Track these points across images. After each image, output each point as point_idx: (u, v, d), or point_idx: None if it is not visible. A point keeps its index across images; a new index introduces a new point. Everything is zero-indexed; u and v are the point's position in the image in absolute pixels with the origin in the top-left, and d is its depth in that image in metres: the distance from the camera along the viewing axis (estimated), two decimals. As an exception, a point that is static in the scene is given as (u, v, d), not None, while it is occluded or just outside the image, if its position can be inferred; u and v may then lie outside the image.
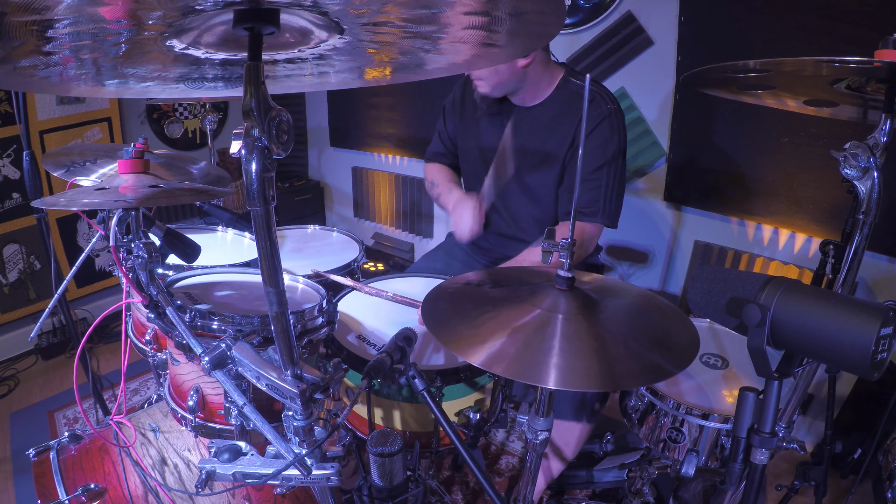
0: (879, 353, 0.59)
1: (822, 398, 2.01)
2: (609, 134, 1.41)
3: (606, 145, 1.41)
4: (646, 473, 1.48)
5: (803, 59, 0.81)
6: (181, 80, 0.82)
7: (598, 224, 1.47)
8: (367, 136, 3.41)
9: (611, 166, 1.42)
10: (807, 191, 1.92)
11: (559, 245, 0.84)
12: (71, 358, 2.62)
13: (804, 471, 1.33)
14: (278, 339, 0.71)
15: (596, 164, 1.42)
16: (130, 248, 0.96)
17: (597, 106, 1.42)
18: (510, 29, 0.64)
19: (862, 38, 1.64)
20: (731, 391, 1.15)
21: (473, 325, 0.82)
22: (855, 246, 0.93)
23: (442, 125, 1.76)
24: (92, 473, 1.05)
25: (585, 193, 1.44)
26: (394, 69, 0.84)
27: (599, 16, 2.23)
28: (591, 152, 1.42)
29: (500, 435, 2.13)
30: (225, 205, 2.16)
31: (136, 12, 0.53)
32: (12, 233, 2.55)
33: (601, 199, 1.43)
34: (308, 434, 0.76)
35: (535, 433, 0.92)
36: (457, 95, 1.70)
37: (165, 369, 1.16)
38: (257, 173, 0.60)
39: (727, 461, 0.78)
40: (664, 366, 0.75)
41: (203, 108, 3.02)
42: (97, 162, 1.37)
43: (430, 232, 3.27)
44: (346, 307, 1.35)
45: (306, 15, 0.60)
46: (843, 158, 0.88)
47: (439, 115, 1.76)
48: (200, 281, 1.23)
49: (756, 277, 0.70)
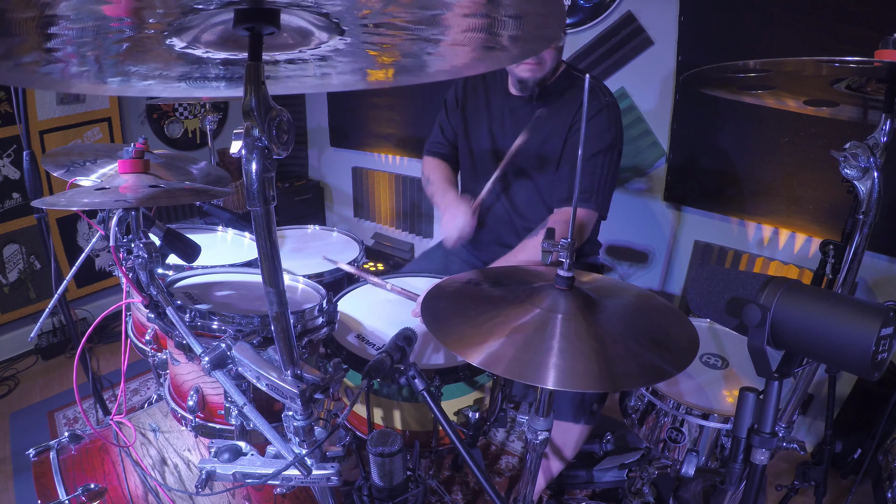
0: (880, 354, 0.59)
1: (822, 398, 2.01)
2: (606, 123, 1.44)
3: (603, 134, 1.44)
4: (646, 473, 1.47)
5: (803, 59, 0.81)
6: (183, 79, 0.82)
7: (591, 210, 1.48)
8: (367, 136, 3.41)
9: (606, 155, 1.44)
10: (807, 191, 1.92)
11: (559, 245, 0.84)
12: (71, 358, 2.62)
13: (804, 471, 1.32)
14: (278, 339, 0.71)
15: (592, 151, 1.43)
16: (130, 248, 0.96)
17: (595, 97, 1.44)
18: (511, 32, 0.64)
19: (862, 38, 1.64)
20: (731, 391, 1.15)
21: (473, 325, 0.82)
22: (855, 246, 0.93)
23: (444, 118, 1.76)
24: (92, 473, 1.05)
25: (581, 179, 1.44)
26: (396, 71, 0.84)
27: (599, 16, 2.23)
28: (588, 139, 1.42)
29: (500, 435, 2.13)
30: (225, 205, 2.15)
31: (137, 10, 0.53)
32: (12, 233, 2.55)
33: (595, 186, 1.45)
34: (308, 434, 0.76)
35: (535, 433, 0.92)
36: (459, 89, 1.70)
37: (165, 369, 1.16)
38: (257, 173, 0.60)
39: (727, 461, 0.78)
40: (663, 366, 0.75)
41: (203, 108, 3.02)
42: (97, 162, 1.37)
43: (430, 232, 3.27)
44: (346, 307, 1.35)
45: (306, 16, 0.60)
46: (843, 158, 0.88)
47: (440, 107, 1.76)
48: (200, 281, 1.23)
49: (756, 277, 0.70)
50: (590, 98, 1.44)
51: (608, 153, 1.44)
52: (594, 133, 1.43)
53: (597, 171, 1.44)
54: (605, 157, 1.44)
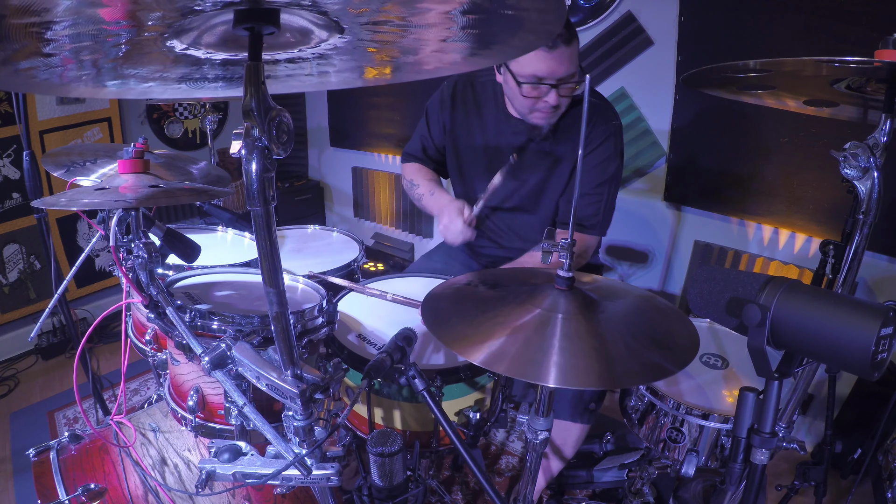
0: (879, 353, 0.59)
1: (822, 398, 2.01)
2: (613, 151, 1.45)
3: (610, 162, 1.45)
4: (646, 473, 1.48)
5: (803, 59, 0.81)
6: (182, 81, 0.82)
7: (595, 236, 1.52)
8: (367, 136, 3.41)
9: (611, 183, 1.47)
10: (807, 191, 1.92)
11: (559, 245, 0.84)
12: (71, 358, 2.62)
13: (804, 471, 1.32)
14: (278, 339, 0.71)
15: (599, 180, 1.45)
16: (130, 248, 0.96)
17: (604, 121, 1.43)
18: (510, 28, 0.64)
19: (862, 38, 1.64)
20: (731, 391, 1.15)
21: (474, 325, 0.82)
22: (855, 246, 0.93)
23: (425, 128, 1.65)
24: (92, 473, 1.05)
25: (587, 207, 1.47)
26: (394, 68, 0.84)
27: (599, 16, 2.23)
28: (595, 168, 1.45)
29: (500, 435, 2.13)
30: (225, 205, 2.15)
31: (135, 13, 0.53)
32: (12, 233, 2.55)
33: (601, 214, 1.47)
34: (308, 434, 0.76)
35: (535, 433, 0.92)
36: (446, 96, 1.58)
37: (165, 369, 1.16)
38: (257, 173, 0.60)
39: (727, 461, 0.78)
40: (664, 365, 0.75)
41: (203, 108, 3.03)
42: (97, 162, 1.37)
43: (430, 232, 3.27)
44: (347, 307, 1.35)
45: (306, 15, 0.60)
46: (843, 158, 0.88)
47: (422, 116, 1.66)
48: (200, 281, 1.23)
49: (756, 277, 0.70)
50: (599, 122, 1.45)
51: (613, 181, 1.47)
52: (601, 160, 1.44)
53: (602, 199, 1.47)
54: (610, 185, 1.47)
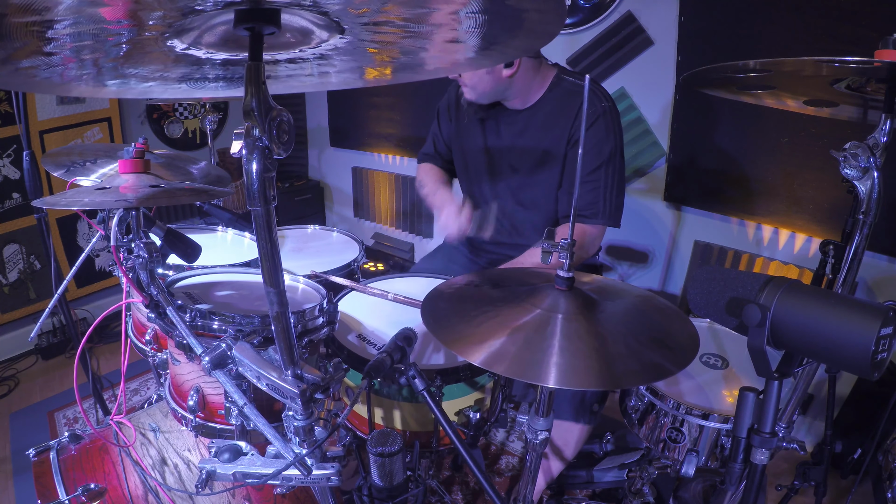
0: (879, 353, 0.59)
1: (822, 398, 2.01)
2: (605, 133, 1.40)
3: (602, 145, 1.40)
4: (646, 473, 1.48)
5: (803, 59, 0.81)
6: (183, 80, 0.82)
7: (599, 225, 1.47)
8: (367, 136, 3.41)
9: (608, 166, 1.42)
10: (807, 191, 1.92)
11: (559, 245, 0.84)
12: (71, 358, 2.62)
13: (804, 471, 1.33)
14: (279, 339, 0.71)
15: (593, 165, 1.41)
16: (131, 247, 0.96)
17: (591, 104, 1.39)
18: (510, 28, 0.64)
19: (862, 38, 1.64)
20: (731, 391, 1.15)
21: (473, 325, 0.82)
22: (855, 246, 0.93)
23: (436, 128, 1.75)
24: (92, 473, 1.05)
25: (584, 195, 1.43)
26: (395, 69, 0.84)
27: (599, 16, 2.23)
28: (587, 152, 1.40)
29: (500, 435, 2.13)
30: (225, 205, 2.16)
31: (136, 13, 0.53)
32: (12, 233, 2.55)
33: (600, 200, 1.43)
34: (308, 434, 0.76)
35: (535, 433, 0.92)
36: (451, 97, 1.68)
37: (165, 369, 1.16)
38: (258, 173, 0.60)
39: (727, 461, 0.78)
40: (664, 365, 0.75)
41: (203, 108, 3.02)
42: (97, 162, 1.37)
43: (430, 232, 3.27)
44: (347, 307, 1.35)
45: (307, 15, 0.60)
46: (843, 158, 0.88)
47: (433, 117, 1.75)
48: (201, 281, 1.23)
49: (756, 277, 0.70)
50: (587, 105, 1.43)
51: (610, 163, 1.42)
52: (592, 145, 1.40)
53: (600, 184, 1.42)
54: (607, 168, 1.41)
